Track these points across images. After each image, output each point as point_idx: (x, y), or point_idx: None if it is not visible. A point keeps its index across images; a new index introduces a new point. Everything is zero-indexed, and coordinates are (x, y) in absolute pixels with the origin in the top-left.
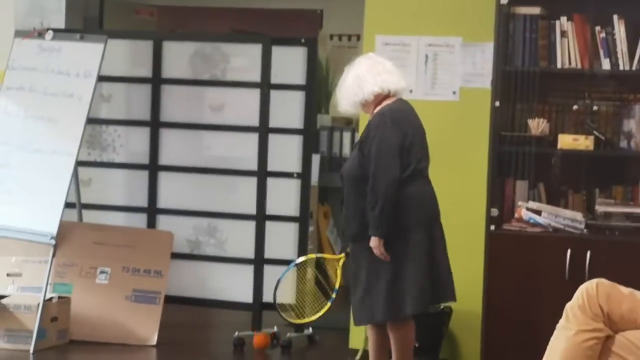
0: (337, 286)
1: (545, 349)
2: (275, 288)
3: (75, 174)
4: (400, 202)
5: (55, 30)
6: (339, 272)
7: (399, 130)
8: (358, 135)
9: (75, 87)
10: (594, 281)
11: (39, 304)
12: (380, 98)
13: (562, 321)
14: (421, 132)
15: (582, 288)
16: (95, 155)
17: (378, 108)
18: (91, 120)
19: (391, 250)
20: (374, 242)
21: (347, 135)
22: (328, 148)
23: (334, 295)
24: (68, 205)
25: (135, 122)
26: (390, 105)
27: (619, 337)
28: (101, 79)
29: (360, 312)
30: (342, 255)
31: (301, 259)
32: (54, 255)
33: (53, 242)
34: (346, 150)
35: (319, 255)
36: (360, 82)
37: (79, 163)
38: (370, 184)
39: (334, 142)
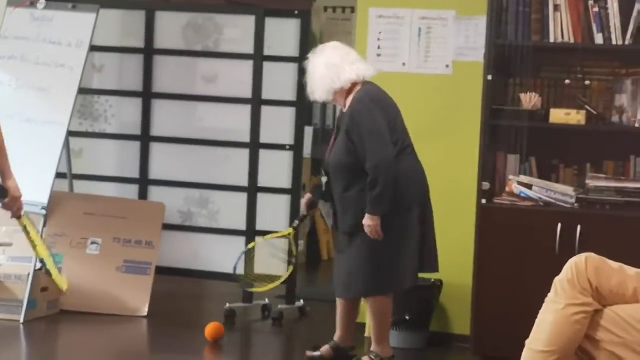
0: (295, 254)
1: (534, 322)
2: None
3: (66, 144)
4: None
5: (48, 0)
6: (293, 242)
7: (382, 111)
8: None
9: (67, 57)
10: (583, 255)
11: (29, 274)
12: (353, 86)
13: (551, 295)
14: (398, 110)
15: (572, 262)
16: (87, 126)
17: (351, 96)
18: (83, 91)
19: (390, 227)
20: (372, 220)
21: (340, 108)
22: (321, 120)
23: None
24: (59, 175)
25: (127, 93)
26: (363, 90)
27: (608, 311)
28: (93, 49)
29: (351, 286)
30: (290, 230)
31: (250, 246)
32: (44, 226)
33: (44, 212)
34: None
35: (267, 237)
36: (337, 71)
37: (71, 133)
38: (371, 164)
39: (327, 115)
